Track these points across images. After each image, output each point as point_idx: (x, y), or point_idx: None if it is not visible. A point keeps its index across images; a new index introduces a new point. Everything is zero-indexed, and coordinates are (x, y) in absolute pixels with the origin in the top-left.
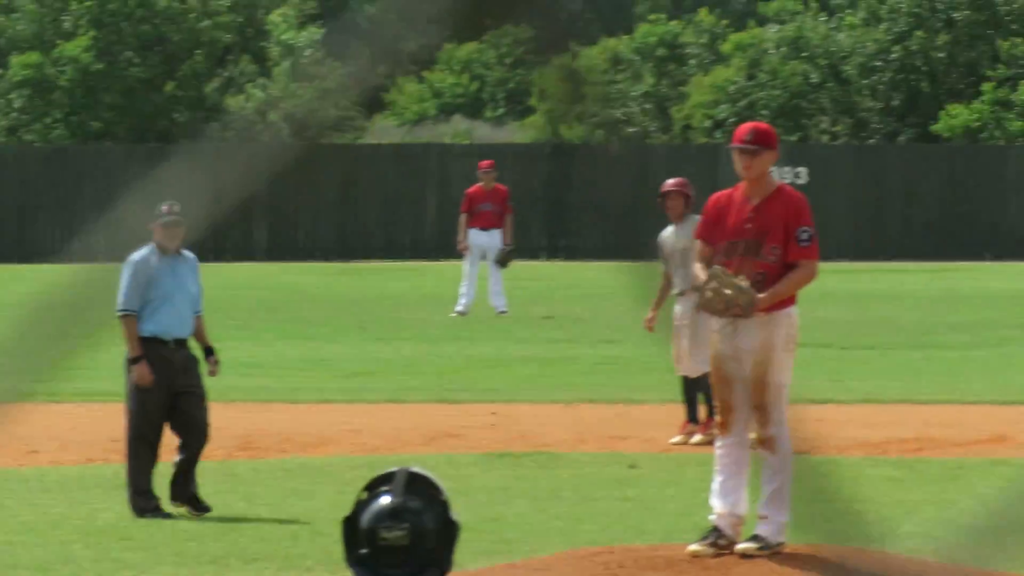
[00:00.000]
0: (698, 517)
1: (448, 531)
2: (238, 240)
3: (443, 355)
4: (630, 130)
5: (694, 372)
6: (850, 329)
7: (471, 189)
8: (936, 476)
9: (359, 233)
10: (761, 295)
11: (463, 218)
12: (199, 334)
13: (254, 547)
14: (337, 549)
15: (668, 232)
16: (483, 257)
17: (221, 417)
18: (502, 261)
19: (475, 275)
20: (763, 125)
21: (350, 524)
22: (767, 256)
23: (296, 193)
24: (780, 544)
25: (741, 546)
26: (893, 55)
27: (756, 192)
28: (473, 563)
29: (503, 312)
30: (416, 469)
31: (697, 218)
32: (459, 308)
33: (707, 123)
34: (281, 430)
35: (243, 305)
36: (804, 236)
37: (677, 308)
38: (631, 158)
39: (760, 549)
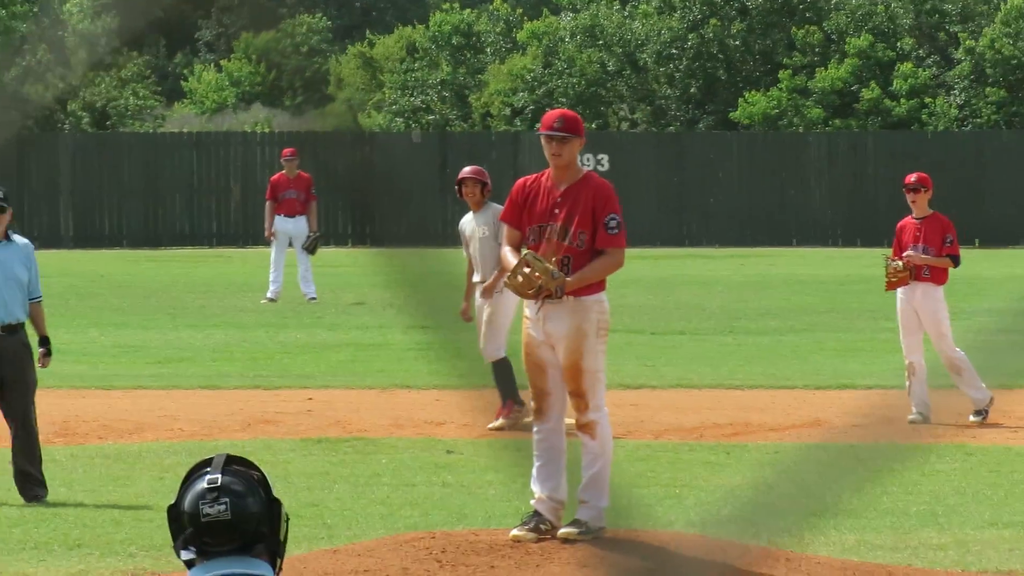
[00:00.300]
0: (518, 502)
1: (270, 508)
2: (44, 228)
3: (255, 341)
4: (430, 118)
5: (489, 357)
6: (660, 315)
7: (275, 177)
8: (753, 461)
9: (165, 220)
10: (569, 278)
11: (268, 205)
12: (35, 322)
13: (76, 533)
14: (159, 534)
15: (467, 219)
16: (290, 244)
17: (38, 404)
18: (310, 247)
19: (282, 262)
20: (571, 112)
21: (174, 509)
22: (574, 241)
23: (100, 181)
24: (601, 529)
25: (563, 531)
26: (689, 43)
27: (564, 178)
28: (295, 549)
29: (313, 299)
30: (233, 455)
31: (495, 205)
32: (269, 295)
33: (506, 111)
34: (97, 416)
35: (53, 292)
36: (612, 224)
37: (477, 296)
38: (433, 145)
39: (581, 534)
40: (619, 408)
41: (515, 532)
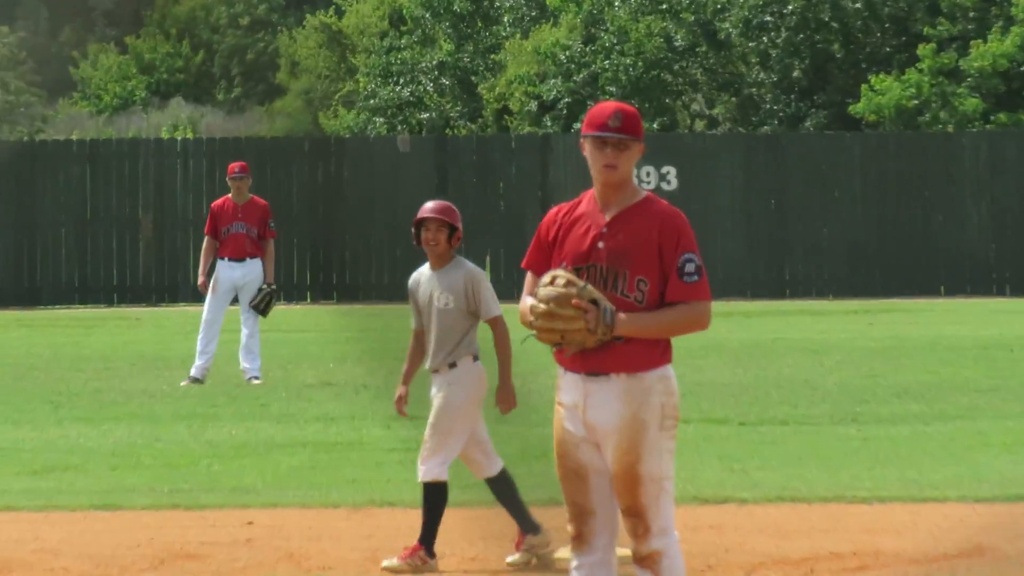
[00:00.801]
0: None
1: None
2: None
3: (173, 440)
4: (423, 116)
5: (423, 475)
6: (752, 397)
7: (217, 203)
8: None
9: (45, 267)
10: (623, 315)
11: (207, 244)
12: None
13: None
14: None
15: (423, 277)
16: (234, 299)
17: None
18: (261, 306)
19: (219, 325)
20: (629, 107)
21: None
22: (629, 292)
23: None
24: None
25: None
26: (790, 7)
27: (615, 201)
28: None
29: (256, 379)
30: None
31: (467, 264)
32: (194, 372)
33: (531, 106)
34: None
35: None
36: (689, 267)
37: (433, 389)
38: (428, 155)
39: None
40: (694, 532)
41: None
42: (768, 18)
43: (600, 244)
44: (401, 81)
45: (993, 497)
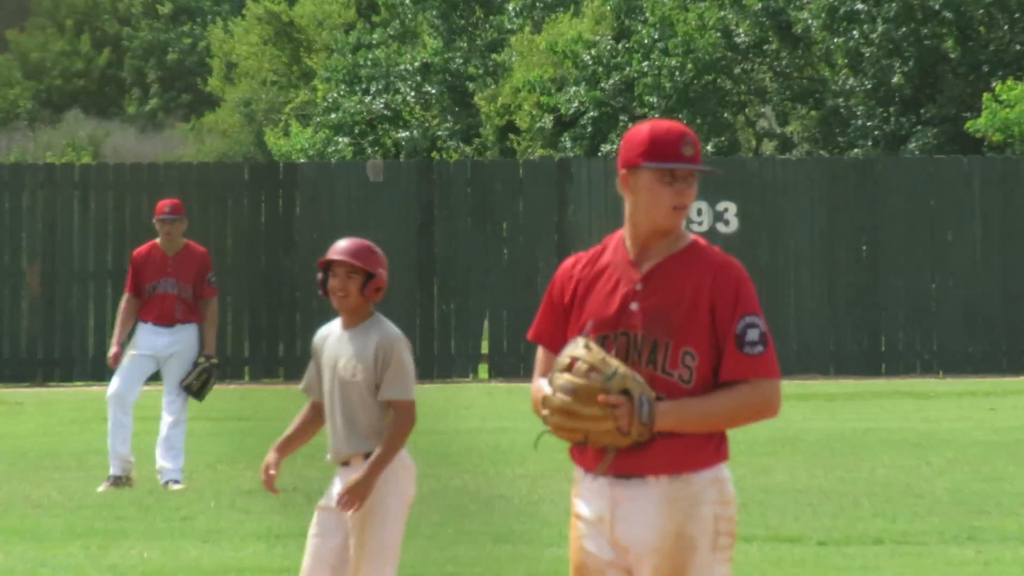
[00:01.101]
0: None
1: None
2: None
3: (67, 567)
4: (402, 134)
5: None
6: (835, 506)
7: (140, 252)
8: None
9: None
10: (665, 403)
11: (125, 305)
12: None
13: None
14: None
15: (331, 335)
16: (156, 374)
17: None
18: (195, 387)
19: (132, 399)
20: (688, 129)
21: None
22: (671, 368)
23: None
24: None
25: None
26: None
27: (654, 249)
28: None
29: (176, 483)
30: None
31: (386, 325)
32: (114, 471)
33: (544, 121)
34: None
35: None
36: (752, 335)
37: (337, 487)
38: (408, 186)
39: None
40: None
41: None
42: (860, 6)
43: (633, 305)
44: (373, 89)
45: None
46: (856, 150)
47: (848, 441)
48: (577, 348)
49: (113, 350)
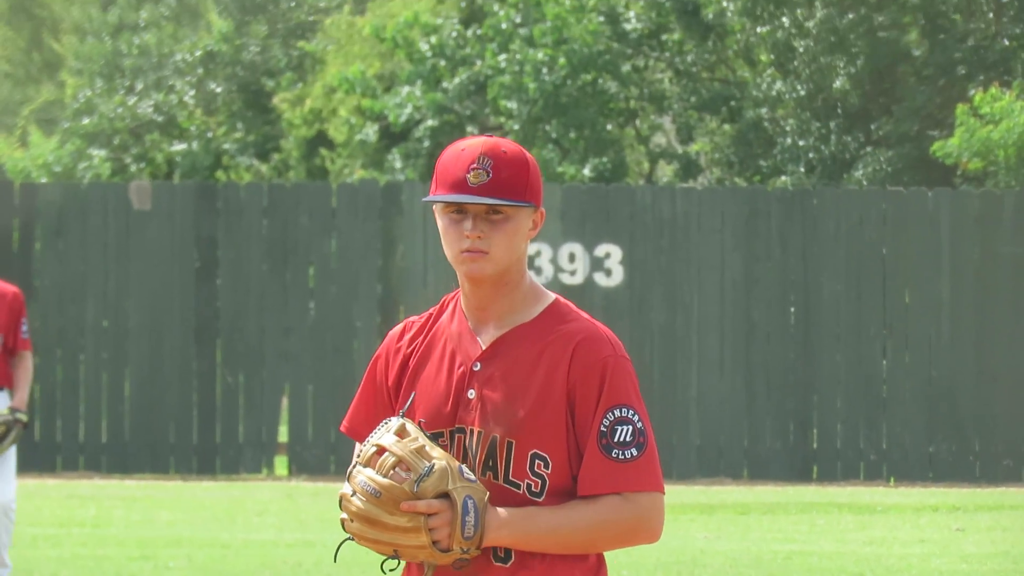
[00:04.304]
0: None
1: None
2: None
3: None
4: (178, 147)
5: None
6: None
7: None
8: None
9: None
10: (503, 513)
11: None
12: None
13: None
14: None
15: None
16: None
17: None
18: None
19: None
20: (510, 146)
21: None
22: (519, 477)
23: None
24: None
25: None
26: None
27: (494, 313)
28: None
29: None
30: None
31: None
32: None
33: (367, 132)
34: None
35: None
36: (623, 434)
37: None
38: (184, 215)
39: None
40: None
41: None
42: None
43: (471, 392)
44: (139, 86)
45: None
46: (784, 178)
47: (766, 568)
48: (387, 433)
49: None
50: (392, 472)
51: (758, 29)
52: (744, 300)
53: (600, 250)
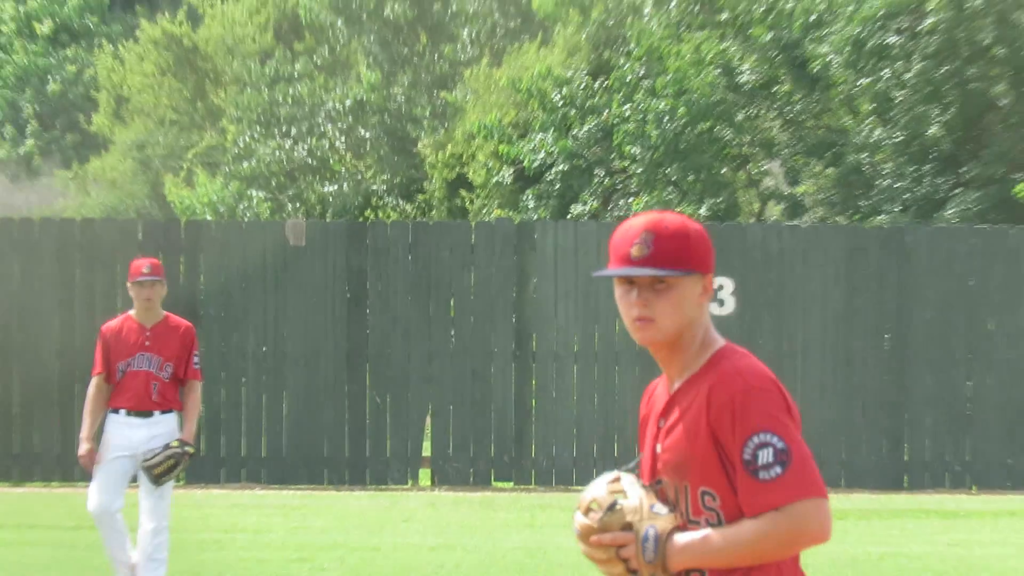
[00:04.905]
0: None
1: None
2: None
3: None
4: (329, 188)
5: None
6: None
7: (111, 326)
8: None
9: None
10: (680, 540)
11: (93, 390)
12: None
13: None
14: None
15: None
16: (134, 476)
17: None
18: (157, 470)
19: (119, 506)
20: (672, 220)
21: None
22: (695, 514)
23: None
24: None
25: None
26: (928, 20)
27: (676, 368)
28: None
29: None
30: None
31: None
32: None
33: (503, 174)
34: None
35: None
36: (765, 456)
37: None
38: (336, 250)
39: None
40: None
41: None
42: (893, 39)
43: (659, 447)
44: (294, 132)
45: None
46: (882, 216)
47: (861, 569)
48: (599, 485)
49: (84, 447)
50: (591, 514)
51: (860, 81)
52: (845, 328)
53: (716, 282)
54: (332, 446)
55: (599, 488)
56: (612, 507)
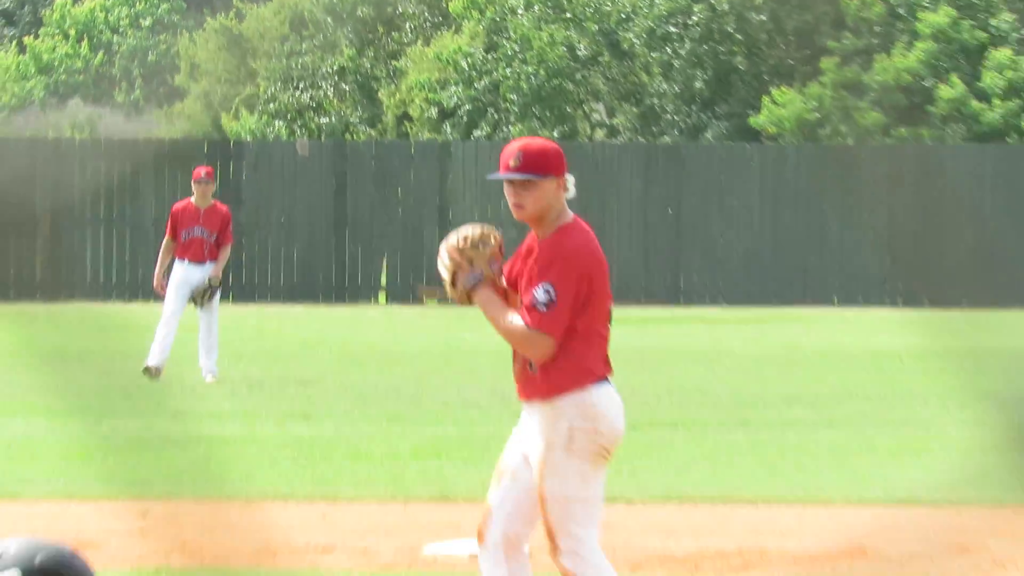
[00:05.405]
0: None
1: None
2: None
3: (70, 434)
4: (323, 121)
5: None
6: (643, 401)
7: (179, 206)
8: None
9: None
10: (486, 292)
11: (165, 245)
12: None
13: None
14: None
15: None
16: (193, 299)
17: None
18: (199, 299)
19: (178, 318)
20: (537, 143)
21: None
22: (523, 299)
23: None
24: None
25: None
26: (694, 18)
27: (540, 231)
28: None
29: (212, 375)
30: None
31: None
32: (155, 363)
33: (431, 112)
34: None
35: None
36: (539, 295)
37: None
38: (327, 160)
39: None
40: None
41: None
42: (672, 29)
43: (530, 264)
44: (301, 86)
45: (876, 500)
46: (666, 137)
47: (654, 353)
48: (476, 228)
49: (157, 281)
50: (466, 235)
51: (652, 54)
52: (643, 206)
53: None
54: (324, 278)
55: (476, 229)
56: (476, 244)
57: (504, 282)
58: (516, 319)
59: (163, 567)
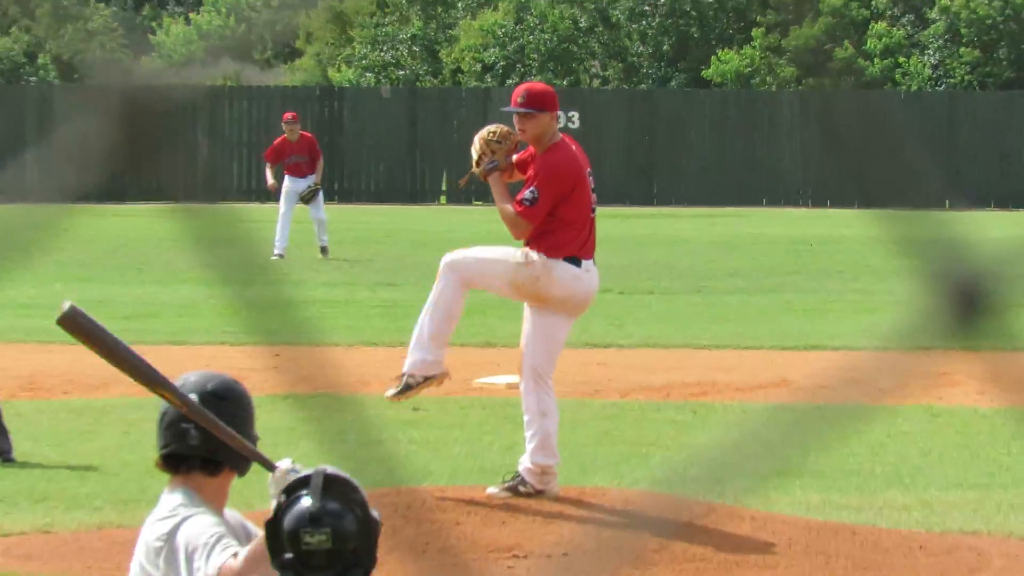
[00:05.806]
0: (483, 459)
1: (369, 530)
2: (9, 181)
3: (221, 298)
4: (400, 73)
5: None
6: (628, 274)
7: (277, 142)
8: (719, 420)
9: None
10: (497, 176)
11: (270, 163)
12: None
13: (41, 486)
14: (125, 489)
15: None
16: (300, 200)
17: (3, 358)
18: (306, 197)
19: (291, 216)
20: (537, 86)
21: (272, 527)
22: (522, 196)
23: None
24: (539, 489)
25: (490, 490)
26: (662, 0)
27: (538, 148)
28: (259, 504)
29: (325, 247)
30: (331, 471)
31: None
32: (279, 251)
33: (477, 67)
34: (63, 371)
35: (16, 246)
36: (527, 194)
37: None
38: (403, 101)
39: (512, 491)
40: (586, 367)
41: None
42: (647, 8)
43: (530, 172)
44: (385, 48)
45: (794, 346)
46: (643, 86)
47: (636, 241)
48: (503, 127)
49: (270, 183)
50: (493, 130)
51: (633, 25)
52: (627, 136)
53: (570, 113)
54: (401, 185)
55: (499, 128)
56: (498, 140)
57: (515, 167)
58: (509, 205)
59: (291, 394)
